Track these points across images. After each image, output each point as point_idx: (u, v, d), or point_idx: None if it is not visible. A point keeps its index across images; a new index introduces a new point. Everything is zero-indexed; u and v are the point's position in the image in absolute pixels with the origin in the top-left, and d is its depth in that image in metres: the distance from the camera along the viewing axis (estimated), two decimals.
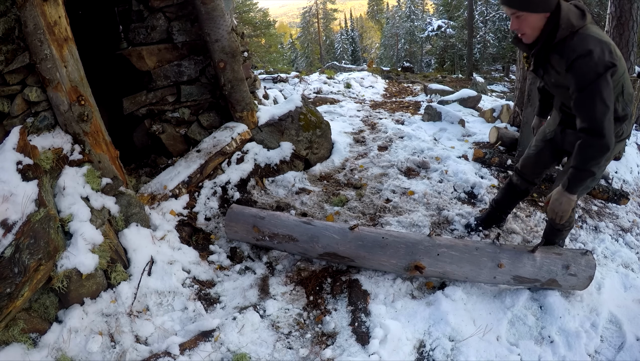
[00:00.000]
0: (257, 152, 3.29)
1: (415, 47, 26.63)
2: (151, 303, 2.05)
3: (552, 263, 2.01)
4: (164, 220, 2.53)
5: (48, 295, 1.85)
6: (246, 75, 3.34)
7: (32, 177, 1.77)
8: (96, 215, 2.03)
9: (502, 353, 1.81)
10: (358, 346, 1.85)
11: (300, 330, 1.98)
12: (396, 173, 3.46)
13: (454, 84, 11.01)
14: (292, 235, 2.24)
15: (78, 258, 1.85)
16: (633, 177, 4.34)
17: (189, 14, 3.10)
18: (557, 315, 1.96)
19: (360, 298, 2.07)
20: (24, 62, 1.97)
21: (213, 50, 3.04)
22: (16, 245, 1.59)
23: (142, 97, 3.26)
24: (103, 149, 2.28)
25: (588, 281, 2.03)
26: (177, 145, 3.38)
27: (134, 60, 3.12)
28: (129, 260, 2.16)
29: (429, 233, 2.34)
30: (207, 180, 3.02)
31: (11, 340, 1.69)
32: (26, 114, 2.07)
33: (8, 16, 1.92)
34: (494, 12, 18.76)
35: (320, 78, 8.68)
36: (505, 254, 2.03)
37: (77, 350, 1.78)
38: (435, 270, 2.05)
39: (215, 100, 3.36)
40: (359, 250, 2.12)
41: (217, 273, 2.33)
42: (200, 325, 1.93)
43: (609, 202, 3.31)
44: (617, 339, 1.92)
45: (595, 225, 2.83)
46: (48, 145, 2.06)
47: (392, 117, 5.44)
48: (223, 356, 1.81)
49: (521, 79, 4.41)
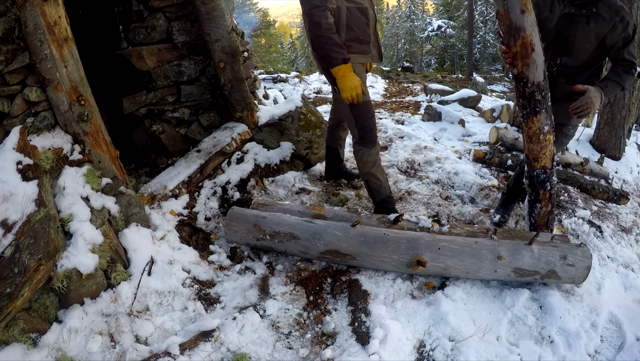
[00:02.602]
0: (257, 152, 3.29)
1: (415, 47, 26.63)
2: (151, 303, 2.05)
3: (549, 254, 2.04)
4: (164, 220, 2.53)
5: (48, 295, 1.85)
6: (246, 75, 3.34)
7: (32, 177, 1.77)
8: (96, 215, 2.03)
9: (502, 353, 1.81)
10: (358, 346, 1.85)
11: (300, 330, 1.98)
12: (396, 173, 3.47)
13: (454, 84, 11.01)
14: (294, 233, 2.24)
15: (78, 258, 1.85)
16: (633, 177, 4.35)
17: (189, 14, 3.10)
18: (557, 315, 1.96)
19: (360, 298, 2.07)
20: (24, 62, 1.97)
21: (213, 50, 3.04)
22: (16, 245, 1.59)
23: (142, 97, 3.26)
24: (103, 149, 2.28)
25: (586, 271, 2.05)
26: (177, 145, 3.38)
27: (134, 60, 3.12)
28: (129, 260, 2.16)
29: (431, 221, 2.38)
30: (207, 180, 3.02)
31: (11, 340, 1.69)
32: (26, 114, 2.07)
33: (8, 16, 1.92)
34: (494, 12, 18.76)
35: (320, 78, 8.67)
36: (504, 247, 2.06)
37: (77, 350, 1.78)
38: (437, 265, 2.06)
39: (215, 100, 3.36)
40: (361, 246, 2.13)
41: (217, 273, 2.33)
42: (200, 325, 1.93)
43: (609, 202, 3.31)
44: (617, 339, 1.92)
45: (595, 225, 2.83)
46: (48, 145, 2.06)
47: (392, 117, 5.44)
48: (223, 356, 1.81)
49: None
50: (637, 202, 3.56)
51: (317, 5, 2.17)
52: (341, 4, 2.31)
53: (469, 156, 3.83)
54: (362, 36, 2.39)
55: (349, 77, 2.26)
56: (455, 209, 2.86)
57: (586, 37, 2.18)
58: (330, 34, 2.22)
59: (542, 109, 2.10)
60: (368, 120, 2.46)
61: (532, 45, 1.96)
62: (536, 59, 2.00)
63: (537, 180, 2.29)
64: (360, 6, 2.37)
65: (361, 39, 2.39)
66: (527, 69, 2.02)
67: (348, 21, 2.33)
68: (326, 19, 2.21)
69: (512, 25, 1.93)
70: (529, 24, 1.92)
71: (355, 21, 2.35)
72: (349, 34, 2.35)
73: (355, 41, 2.38)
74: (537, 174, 2.28)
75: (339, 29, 2.31)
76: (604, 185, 3.38)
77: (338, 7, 2.30)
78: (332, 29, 2.22)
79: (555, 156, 2.26)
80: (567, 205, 2.99)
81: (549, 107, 2.12)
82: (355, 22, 2.35)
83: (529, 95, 2.07)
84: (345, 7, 2.32)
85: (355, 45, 2.39)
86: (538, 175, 2.28)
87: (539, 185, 2.30)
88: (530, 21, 1.92)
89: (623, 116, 4.46)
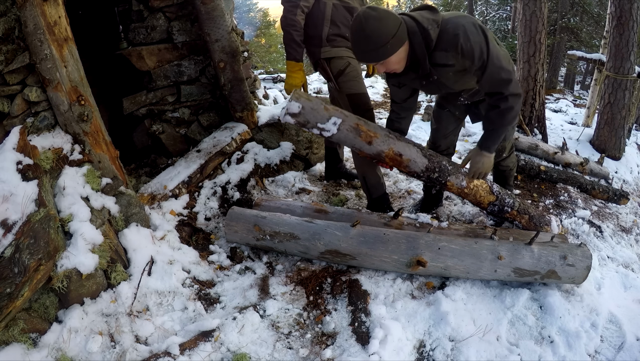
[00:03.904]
0: (257, 151, 3.29)
1: None
2: (151, 303, 2.05)
3: (549, 254, 2.04)
4: (164, 220, 2.53)
5: (48, 295, 1.85)
6: (246, 75, 3.34)
7: (32, 177, 1.77)
8: (96, 215, 2.03)
9: (502, 353, 1.80)
10: (358, 346, 1.85)
11: (300, 330, 1.98)
12: (396, 173, 3.47)
13: None
14: (294, 233, 2.24)
15: (78, 258, 1.85)
16: (633, 177, 4.35)
17: (189, 14, 3.10)
18: (557, 315, 1.96)
19: (360, 298, 2.07)
20: (24, 62, 1.97)
21: (213, 50, 3.04)
22: (16, 245, 1.59)
23: (142, 97, 3.26)
24: (103, 149, 2.28)
25: (586, 271, 2.04)
26: (177, 145, 3.38)
27: (134, 60, 3.12)
28: (129, 260, 2.16)
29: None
30: (207, 180, 3.02)
31: (11, 340, 1.69)
32: (26, 114, 2.07)
33: (8, 16, 1.92)
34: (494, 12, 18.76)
35: (320, 78, 8.67)
36: (504, 247, 2.06)
37: (77, 350, 1.78)
38: (437, 265, 2.06)
39: (215, 100, 3.36)
40: (360, 246, 2.13)
41: (217, 273, 2.33)
42: (200, 325, 1.93)
43: (609, 202, 3.31)
44: (617, 339, 1.92)
45: (595, 225, 2.83)
46: (48, 145, 2.06)
47: None
48: (223, 356, 1.81)
49: (521, 78, 4.42)
50: (637, 202, 3.56)
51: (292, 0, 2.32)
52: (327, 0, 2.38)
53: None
54: (348, 33, 2.39)
55: (292, 75, 2.44)
56: (455, 209, 2.86)
57: (448, 78, 1.95)
58: (292, 30, 2.34)
59: (447, 176, 2.26)
60: (366, 114, 2.49)
61: (394, 154, 2.18)
62: (410, 158, 2.20)
63: (494, 212, 2.43)
64: (348, 5, 2.42)
65: (347, 36, 2.42)
66: (410, 168, 2.23)
67: (332, 16, 2.38)
68: (293, 15, 2.32)
69: (376, 155, 2.20)
70: (380, 146, 2.16)
71: (339, 17, 2.40)
72: (333, 29, 2.41)
73: (340, 36, 2.44)
74: (490, 210, 2.42)
75: (322, 23, 2.38)
76: (604, 185, 3.38)
77: (324, 3, 2.36)
78: (296, 26, 2.33)
79: (494, 186, 2.40)
80: (567, 205, 2.99)
81: (453, 168, 2.26)
82: (339, 18, 2.40)
83: (428, 179, 2.28)
84: (331, 3, 2.38)
85: (340, 40, 2.45)
86: (492, 210, 2.42)
87: (499, 214, 2.42)
88: (360, 142, 2.15)
89: (623, 116, 4.46)
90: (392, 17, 1.74)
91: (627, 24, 4.13)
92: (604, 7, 13.59)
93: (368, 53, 1.78)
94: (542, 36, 4.20)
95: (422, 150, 2.23)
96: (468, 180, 2.25)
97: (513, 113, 1.93)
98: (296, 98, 2.07)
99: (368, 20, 1.71)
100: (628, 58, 4.24)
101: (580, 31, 13.69)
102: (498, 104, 1.92)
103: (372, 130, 2.16)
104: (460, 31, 1.76)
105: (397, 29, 1.74)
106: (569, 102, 8.32)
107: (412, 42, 1.82)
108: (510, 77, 1.85)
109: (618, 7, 4.16)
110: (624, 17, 4.13)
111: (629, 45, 4.21)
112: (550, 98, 8.86)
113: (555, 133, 4.96)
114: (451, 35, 1.77)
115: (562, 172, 3.38)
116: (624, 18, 4.13)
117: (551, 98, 9.02)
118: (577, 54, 5.68)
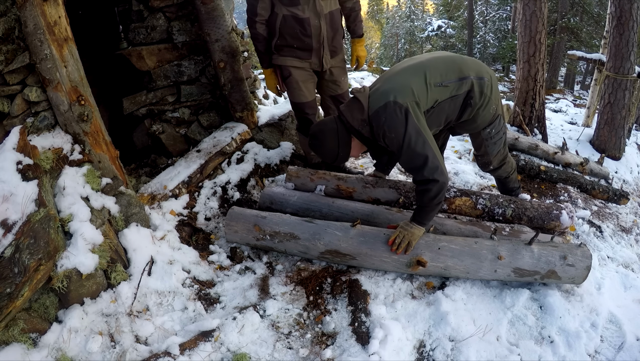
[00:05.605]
0: (257, 151, 3.29)
1: (415, 47, 26.61)
2: (151, 303, 2.05)
3: (549, 254, 2.04)
4: (164, 220, 2.53)
5: (48, 295, 1.85)
6: (246, 75, 3.34)
7: (32, 177, 1.77)
8: (96, 215, 2.03)
9: (502, 353, 1.80)
10: (358, 346, 1.85)
11: (301, 330, 1.98)
12: (396, 173, 3.46)
13: None
14: (294, 233, 2.24)
15: (78, 258, 1.85)
16: (633, 177, 4.35)
17: (189, 13, 3.10)
18: (557, 315, 1.96)
19: (360, 298, 2.07)
20: (24, 62, 1.97)
21: (213, 50, 3.04)
22: (16, 245, 1.59)
23: (142, 97, 3.26)
24: (103, 149, 2.28)
25: (586, 271, 2.04)
26: (177, 145, 3.38)
27: (134, 60, 3.12)
28: (129, 260, 2.16)
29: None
30: (207, 180, 3.02)
31: (11, 340, 1.69)
32: (26, 114, 2.07)
33: (8, 16, 1.92)
34: (494, 12, 18.76)
35: None
36: (504, 247, 2.06)
37: (77, 350, 1.78)
38: (437, 265, 2.06)
39: (215, 100, 3.36)
40: (360, 246, 2.13)
41: (217, 273, 2.33)
42: (200, 325, 1.93)
43: (609, 202, 3.31)
44: (617, 339, 1.92)
45: (595, 225, 2.83)
46: (48, 145, 2.06)
47: None
48: (223, 356, 1.81)
49: (521, 78, 4.41)
50: (637, 202, 3.56)
51: (249, 15, 2.56)
52: (280, 11, 2.52)
53: (469, 156, 3.83)
54: (296, 43, 2.58)
55: (266, 79, 2.80)
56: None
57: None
58: (255, 42, 2.65)
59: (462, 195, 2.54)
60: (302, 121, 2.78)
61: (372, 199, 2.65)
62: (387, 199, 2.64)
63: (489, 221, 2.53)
64: (297, 16, 2.51)
65: (295, 46, 2.59)
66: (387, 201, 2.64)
67: (280, 28, 2.55)
68: (254, 30, 2.58)
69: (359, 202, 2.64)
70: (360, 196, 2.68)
71: (287, 29, 2.55)
72: (280, 40, 2.59)
73: (287, 47, 2.60)
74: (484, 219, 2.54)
75: (274, 34, 2.58)
76: (604, 185, 3.38)
77: (276, 14, 2.52)
78: (258, 38, 2.61)
79: (480, 199, 2.54)
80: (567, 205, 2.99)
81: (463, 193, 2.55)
82: (287, 30, 2.55)
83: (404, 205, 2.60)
84: (282, 15, 2.52)
85: (287, 49, 2.62)
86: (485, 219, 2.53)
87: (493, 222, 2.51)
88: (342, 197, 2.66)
89: (623, 116, 4.46)
90: (329, 135, 2.06)
91: (627, 24, 4.13)
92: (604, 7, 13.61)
93: (334, 162, 2.16)
94: (542, 36, 4.20)
95: (397, 190, 2.61)
96: (390, 245, 2.10)
97: (430, 195, 1.94)
98: (288, 179, 2.79)
99: (316, 148, 2.12)
100: (628, 58, 4.24)
101: (580, 31, 13.70)
102: (417, 185, 2.01)
103: (350, 187, 2.67)
104: (382, 127, 1.92)
105: (338, 140, 2.05)
106: (569, 102, 8.33)
107: (356, 135, 2.06)
108: (423, 163, 1.89)
109: (618, 7, 4.15)
110: (624, 17, 4.13)
111: (629, 45, 4.20)
112: (550, 98, 8.87)
113: (555, 133, 4.96)
114: (379, 131, 1.95)
115: (562, 172, 3.37)
116: (624, 18, 4.12)
117: (551, 98, 9.03)
118: (577, 54, 5.67)
